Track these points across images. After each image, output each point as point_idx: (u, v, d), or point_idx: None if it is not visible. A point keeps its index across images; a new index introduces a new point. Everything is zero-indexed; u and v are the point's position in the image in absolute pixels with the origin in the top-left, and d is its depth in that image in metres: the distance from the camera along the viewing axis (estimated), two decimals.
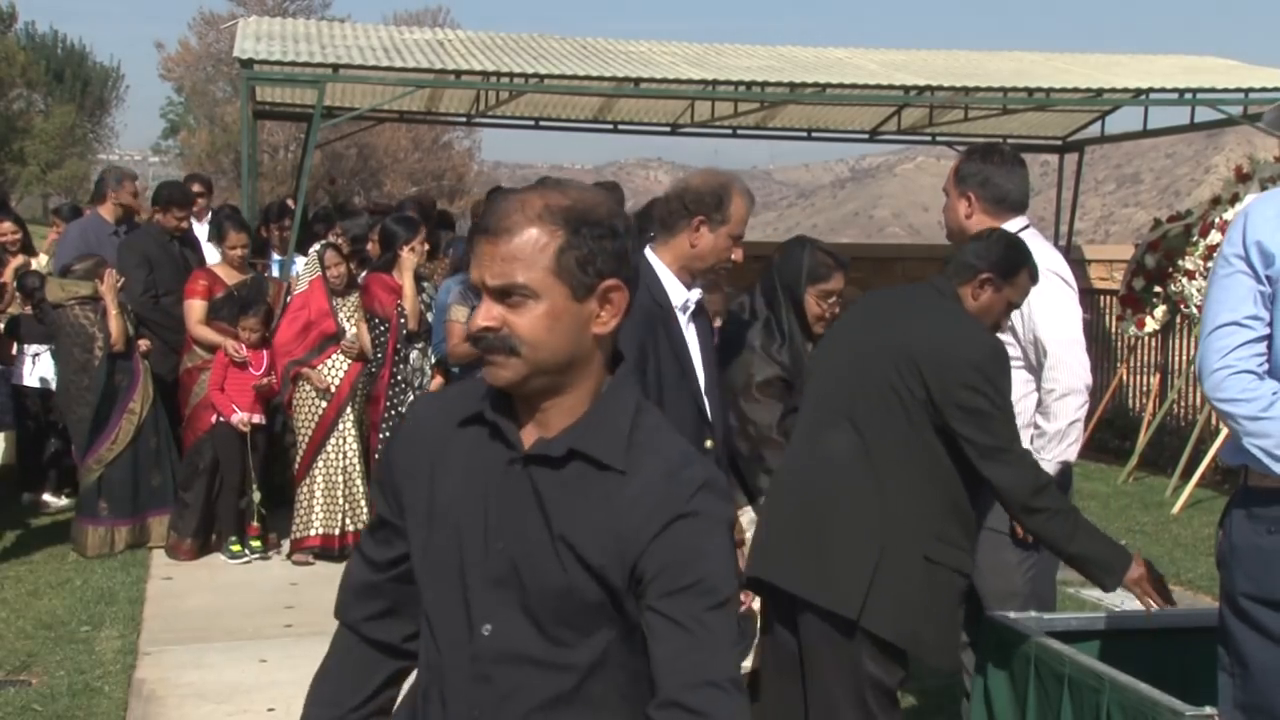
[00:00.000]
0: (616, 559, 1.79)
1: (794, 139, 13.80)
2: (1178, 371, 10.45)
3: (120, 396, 7.24)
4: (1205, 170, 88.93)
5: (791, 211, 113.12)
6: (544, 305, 1.78)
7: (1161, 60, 13.00)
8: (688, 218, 3.63)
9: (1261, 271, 2.73)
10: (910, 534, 3.33)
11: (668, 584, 1.77)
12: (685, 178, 3.79)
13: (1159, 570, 3.46)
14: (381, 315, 6.90)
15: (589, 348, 1.83)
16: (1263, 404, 2.72)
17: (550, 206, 1.80)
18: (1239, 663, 2.80)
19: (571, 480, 1.82)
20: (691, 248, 3.64)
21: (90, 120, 39.64)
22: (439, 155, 37.63)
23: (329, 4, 38.49)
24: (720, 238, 3.64)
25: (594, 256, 1.79)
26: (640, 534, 1.78)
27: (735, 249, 3.69)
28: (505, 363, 1.80)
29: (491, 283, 1.80)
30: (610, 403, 1.86)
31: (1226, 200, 9.28)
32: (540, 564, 1.81)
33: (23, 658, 5.56)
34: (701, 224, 3.63)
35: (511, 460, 1.84)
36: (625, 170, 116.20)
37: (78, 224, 8.62)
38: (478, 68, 9.82)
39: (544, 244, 1.78)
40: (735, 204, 3.65)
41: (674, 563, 1.78)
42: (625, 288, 1.83)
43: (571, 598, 1.80)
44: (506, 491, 1.84)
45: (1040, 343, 3.87)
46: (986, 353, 3.37)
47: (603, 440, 1.82)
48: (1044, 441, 3.86)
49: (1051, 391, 3.85)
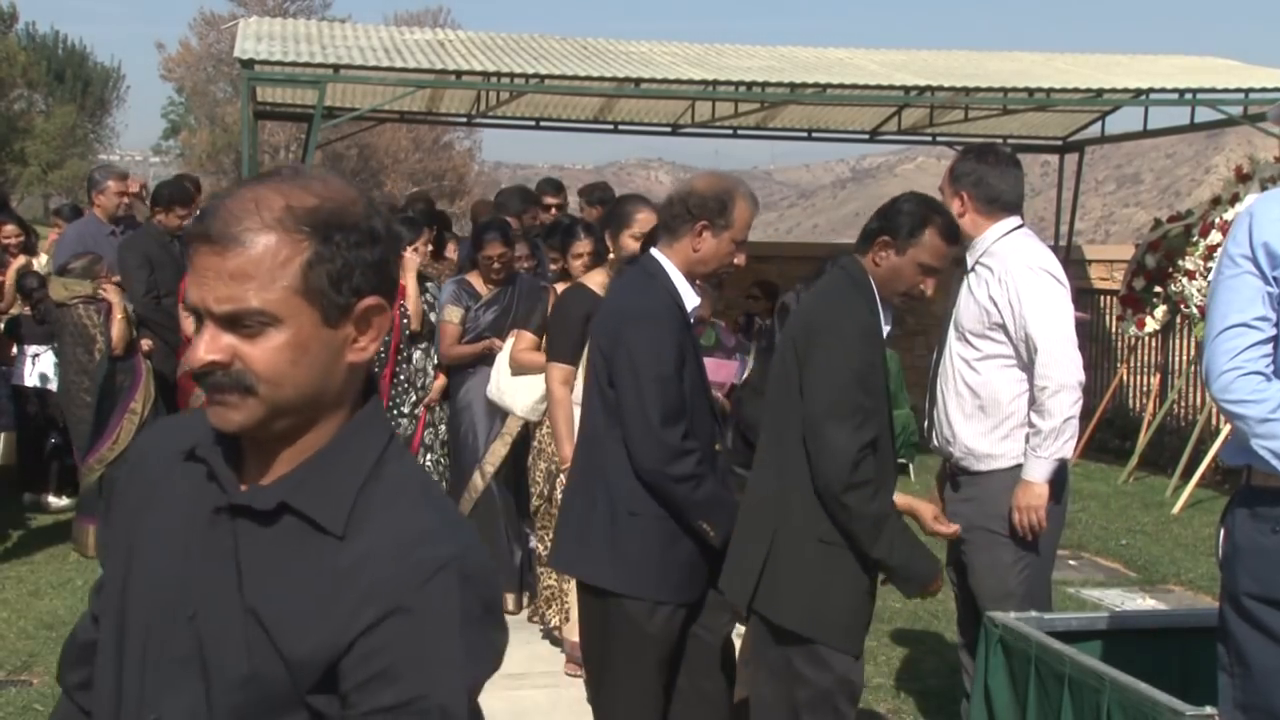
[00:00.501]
0: (318, 649, 1.39)
1: (794, 139, 13.79)
2: (1178, 371, 10.45)
3: (122, 396, 7.24)
4: (1205, 170, 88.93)
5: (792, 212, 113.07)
6: (287, 333, 1.41)
7: (1161, 60, 13.00)
8: (691, 222, 3.62)
9: (1269, 273, 2.73)
10: (802, 518, 3.35)
11: (369, 699, 1.37)
12: (689, 180, 3.78)
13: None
14: None
15: (340, 380, 1.47)
16: (1272, 405, 2.72)
17: (294, 208, 1.42)
18: (1239, 662, 2.80)
19: (282, 541, 1.43)
20: (694, 252, 3.63)
21: (91, 120, 39.66)
22: (439, 156, 37.66)
23: (329, 4, 38.55)
24: (723, 243, 3.62)
25: (351, 270, 1.43)
26: (347, 624, 1.38)
27: (738, 254, 3.69)
28: (239, 404, 1.42)
29: (217, 309, 1.40)
30: (346, 446, 1.47)
31: (1227, 200, 9.28)
32: (225, 644, 1.42)
33: (24, 658, 5.57)
34: (704, 229, 3.61)
35: (218, 508, 1.46)
36: (625, 170, 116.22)
37: (75, 226, 8.64)
38: (478, 68, 9.82)
39: (286, 257, 1.40)
40: (739, 209, 3.63)
41: (380, 673, 1.37)
42: (387, 306, 1.48)
43: (254, 689, 1.41)
44: (209, 548, 1.46)
45: (1031, 339, 3.86)
46: (849, 321, 3.39)
47: (322, 494, 1.44)
48: (1040, 439, 3.86)
49: (1044, 389, 3.85)
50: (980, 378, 3.99)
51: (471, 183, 37.27)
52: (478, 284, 6.45)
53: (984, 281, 3.98)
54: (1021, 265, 3.94)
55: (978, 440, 3.99)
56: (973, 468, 4.02)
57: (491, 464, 6.20)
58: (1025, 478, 3.88)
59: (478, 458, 6.25)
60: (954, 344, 4.07)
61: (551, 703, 5.11)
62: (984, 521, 3.96)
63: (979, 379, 3.99)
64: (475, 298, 6.42)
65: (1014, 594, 3.88)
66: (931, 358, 4.43)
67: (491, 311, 6.41)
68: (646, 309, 3.53)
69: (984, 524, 3.96)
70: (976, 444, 4.00)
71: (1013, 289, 3.90)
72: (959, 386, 4.03)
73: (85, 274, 7.27)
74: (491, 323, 6.38)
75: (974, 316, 3.99)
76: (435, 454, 6.76)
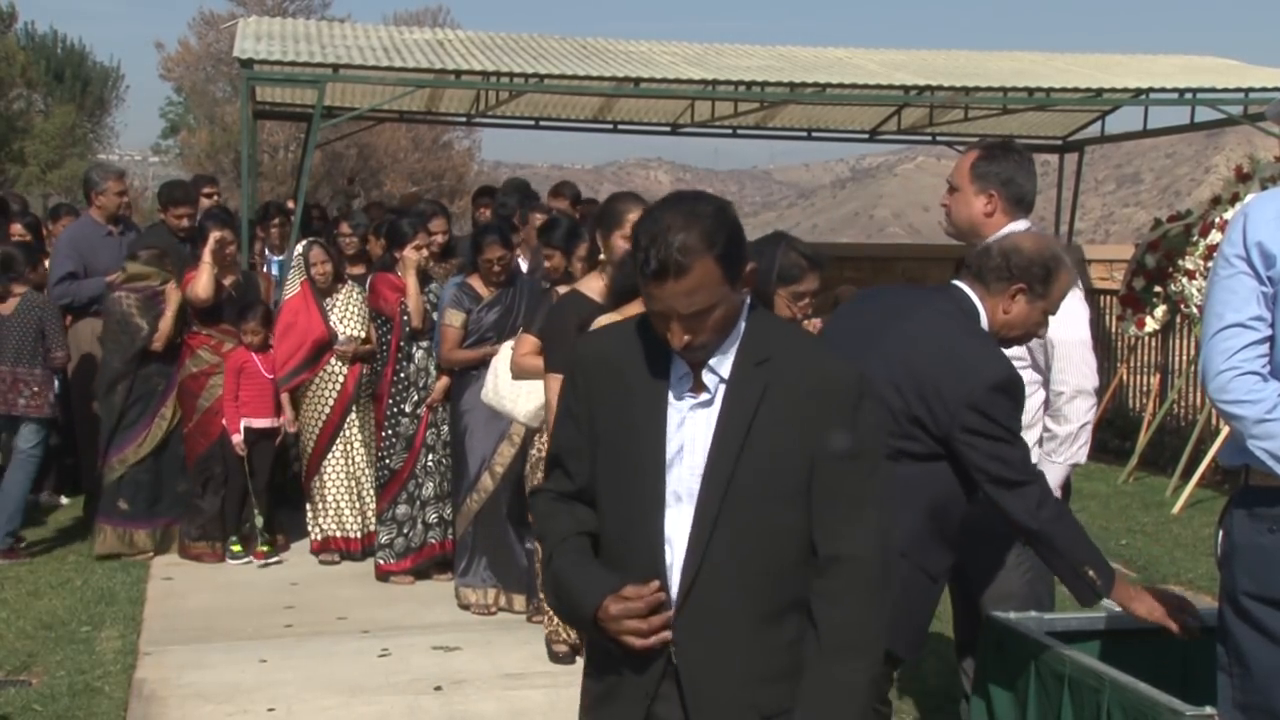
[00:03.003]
0: None
1: (794, 139, 13.80)
2: (1178, 371, 10.44)
3: (155, 400, 7.25)
4: (1205, 170, 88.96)
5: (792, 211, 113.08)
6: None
7: (1161, 60, 13.00)
8: (1008, 281, 3.43)
9: (1263, 272, 2.73)
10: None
11: None
12: (1016, 236, 3.59)
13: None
14: (386, 313, 6.92)
15: None
16: (1268, 406, 2.72)
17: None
18: (1239, 662, 2.80)
19: None
20: (1004, 314, 3.45)
21: (90, 120, 39.58)
22: (439, 155, 37.60)
23: (329, 4, 38.44)
24: (1035, 311, 3.46)
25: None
26: None
27: (1044, 328, 3.53)
28: None
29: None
30: None
31: (1227, 200, 9.27)
32: None
33: (23, 658, 5.57)
34: (1021, 292, 3.44)
35: None
36: (625, 170, 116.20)
37: (70, 228, 8.53)
38: (478, 68, 9.81)
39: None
40: (1060, 282, 3.46)
41: None
42: None
43: None
44: None
45: (1049, 342, 3.83)
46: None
47: None
48: (1055, 445, 3.84)
49: (1061, 394, 3.84)
50: None
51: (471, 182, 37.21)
52: (478, 286, 6.44)
53: None
54: None
55: None
56: None
57: (501, 465, 6.19)
58: None
59: (482, 459, 6.24)
60: None
61: (551, 703, 5.11)
62: (987, 523, 3.95)
63: None
64: (476, 300, 6.41)
65: (1016, 594, 3.87)
66: None
67: (494, 313, 6.40)
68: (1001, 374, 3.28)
69: (987, 526, 3.95)
70: None
71: None
72: None
73: (152, 263, 7.29)
74: (494, 324, 6.37)
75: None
76: (437, 454, 6.76)
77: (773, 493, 2.31)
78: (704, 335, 2.29)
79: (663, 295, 2.25)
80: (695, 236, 2.23)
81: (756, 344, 2.36)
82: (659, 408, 2.37)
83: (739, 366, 2.34)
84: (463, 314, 6.39)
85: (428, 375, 6.79)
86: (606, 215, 5.06)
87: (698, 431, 2.34)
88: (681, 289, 2.23)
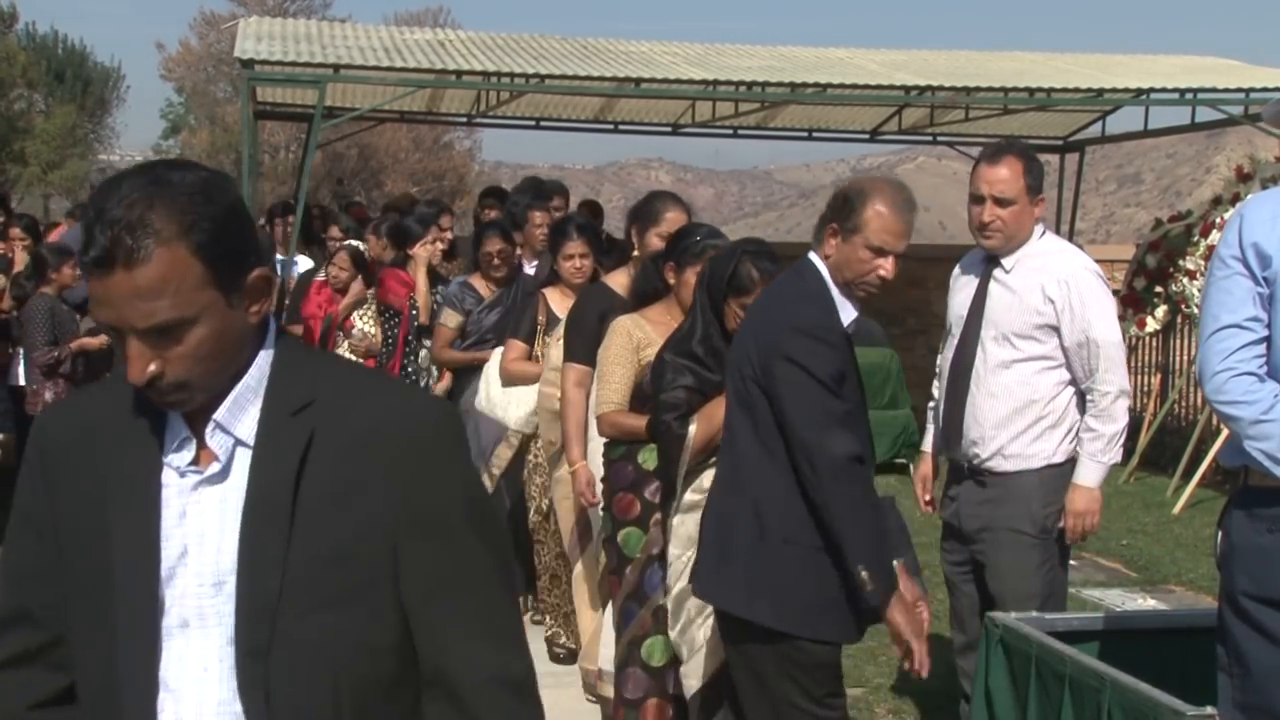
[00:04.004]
0: None
1: (795, 139, 13.80)
2: (1179, 371, 10.44)
3: None
4: (1206, 170, 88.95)
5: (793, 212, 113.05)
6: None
7: (1162, 60, 13.00)
8: (822, 223, 3.31)
9: (1259, 273, 2.73)
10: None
11: None
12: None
13: None
14: (395, 306, 6.95)
15: None
16: (1264, 406, 2.72)
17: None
18: (1238, 663, 2.80)
19: None
20: (825, 258, 3.31)
21: (91, 120, 39.59)
22: (440, 155, 37.62)
23: (329, 4, 38.48)
24: (854, 248, 3.24)
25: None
26: None
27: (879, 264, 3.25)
28: None
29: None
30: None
31: (1227, 200, 9.27)
32: None
33: None
34: (832, 232, 3.28)
35: None
36: (626, 170, 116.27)
37: (72, 231, 8.58)
38: (478, 68, 9.82)
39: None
40: (869, 210, 3.23)
41: None
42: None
43: None
44: None
45: (1093, 343, 3.86)
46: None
47: None
48: (1102, 445, 3.87)
49: (1107, 394, 3.86)
50: (1020, 379, 3.94)
51: (472, 183, 37.24)
52: (481, 286, 6.42)
53: (1035, 284, 3.94)
54: (1081, 268, 3.97)
55: (1012, 441, 3.94)
56: (1000, 468, 3.97)
57: (498, 467, 6.19)
58: (1081, 483, 3.89)
59: (484, 460, 6.24)
60: (989, 345, 4.00)
61: (551, 703, 5.09)
62: (1011, 523, 3.94)
63: (1019, 380, 3.94)
64: (478, 300, 6.40)
65: (1038, 594, 3.87)
66: (935, 358, 4.41)
67: (494, 313, 6.37)
68: (808, 320, 3.22)
69: (1010, 525, 3.93)
70: (1010, 445, 3.95)
71: (1076, 292, 3.90)
72: (994, 387, 3.97)
73: None
74: (495, 325, 6.34)
75: (1020, 318, 3.94)
76: None
77: (342, 596, 1.60)
78: (179, 367, 1.56)
79: (109, 296, 1.53)
80: (161, 213, 1.52)
81: (291, 385, 1.63)
82: (144, 493, 1.61)
83: (267, 420, 1.61)
84: (459, 315, 6.37)
85: (431, 375, 6.80)
86: (643, 212, 4.94)
87: (207, 523, 1.60)
88: (134, 287, 1.52)
